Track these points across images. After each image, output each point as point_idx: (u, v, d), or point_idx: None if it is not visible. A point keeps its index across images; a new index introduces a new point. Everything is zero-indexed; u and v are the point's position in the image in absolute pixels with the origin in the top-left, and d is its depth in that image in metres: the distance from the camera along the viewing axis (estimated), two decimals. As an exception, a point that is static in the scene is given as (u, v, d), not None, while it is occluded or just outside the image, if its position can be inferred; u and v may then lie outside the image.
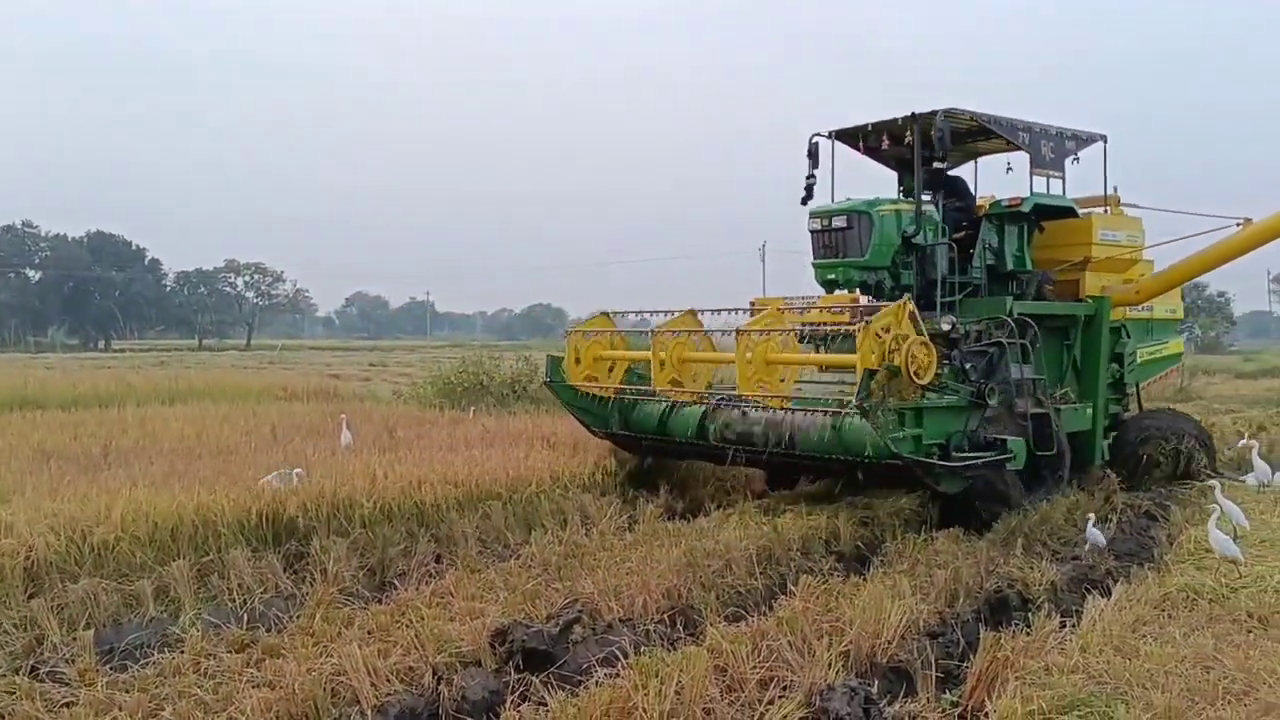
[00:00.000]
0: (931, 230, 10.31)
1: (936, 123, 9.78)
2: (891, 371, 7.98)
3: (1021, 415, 9.37)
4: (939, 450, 8.60)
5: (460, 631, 5.48)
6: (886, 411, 8.09)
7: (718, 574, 6.80)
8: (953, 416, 8.87)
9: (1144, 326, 11.92)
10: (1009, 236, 10.82)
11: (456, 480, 9.05)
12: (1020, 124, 10.56)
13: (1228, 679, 4.54)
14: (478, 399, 19.12)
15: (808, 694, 4.57)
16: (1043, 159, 10.69)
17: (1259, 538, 7.69)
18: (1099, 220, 11.30)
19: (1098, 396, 11.13)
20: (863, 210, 10.24)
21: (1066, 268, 11.22)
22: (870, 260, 10.15)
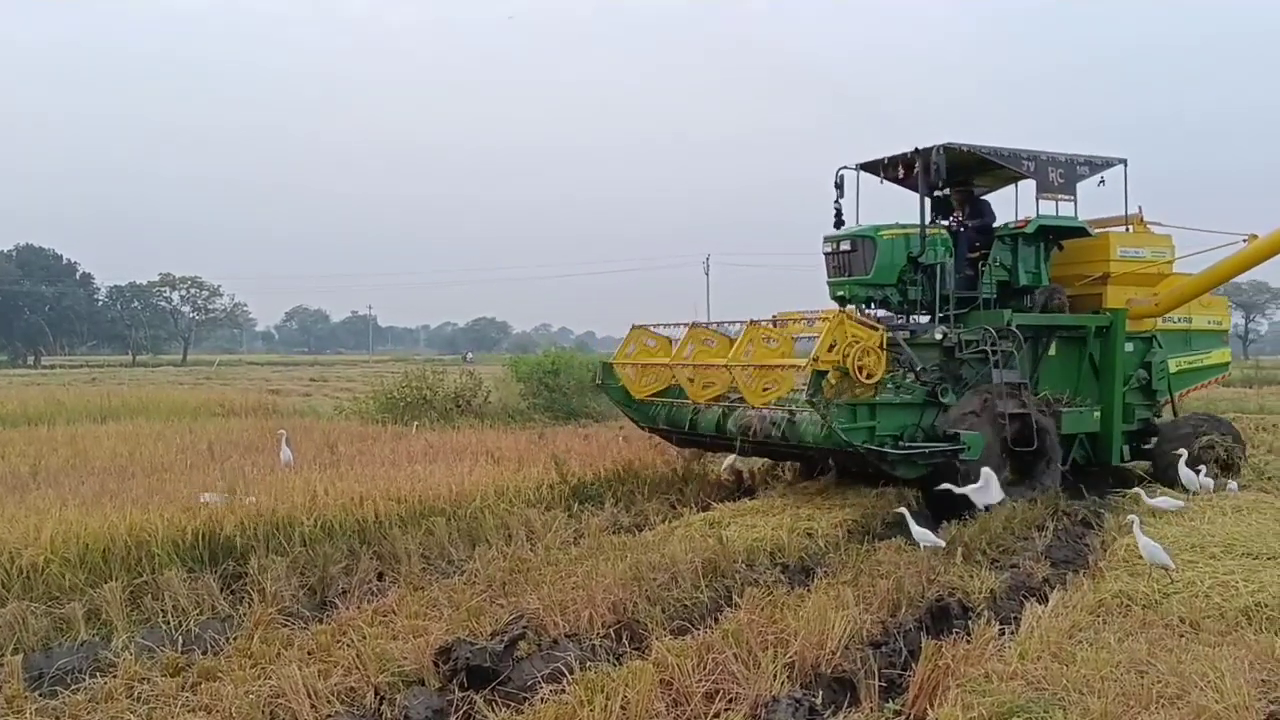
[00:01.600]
0: (941, 250, 11.41)
1: (933, 156, 10.94)
2: (841, 372, 9.32)
3: (1000, 414, 10.29)
4: (891, 441, 9.82)
5: (403, 650, 5.40)
6: (836, 407, 9.41)
7: (664, 587, 6.79)
8: (907, 412, 10.15)
9: (1181, 337, 12.77)
10: (1023, 254, 11.82)
11: (399, 496, 8.95)
12: (1025, 153, 11.48)
13: (1161, 683, 4.65)
14: (421, 414, 18.96)
15: (753, 706, 4.59)
16: (1050, 184, 11.58)
17: (1189, 543, 7.90)
18: (1116, 238, 12.15)
19: (1112, 401, 11.93)
20: (867, 235, 11.46)
21: (1088, 282, 12.16)
22: (874, 279, 11.37)
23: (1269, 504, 9.74)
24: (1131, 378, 12.32)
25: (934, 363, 10.70)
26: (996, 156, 11.41)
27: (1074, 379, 12.11)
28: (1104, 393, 12.08)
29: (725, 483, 12.07)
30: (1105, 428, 11.96)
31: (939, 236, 11.54)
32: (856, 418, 9.72)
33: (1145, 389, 12.44)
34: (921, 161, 11.25)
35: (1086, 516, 10.00)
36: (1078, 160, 11.79)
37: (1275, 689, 4.72)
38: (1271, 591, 6.32)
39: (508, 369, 24.89)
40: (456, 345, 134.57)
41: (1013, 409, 10.40)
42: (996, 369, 10.64)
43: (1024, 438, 10.52)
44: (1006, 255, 11.84)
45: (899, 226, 11.53)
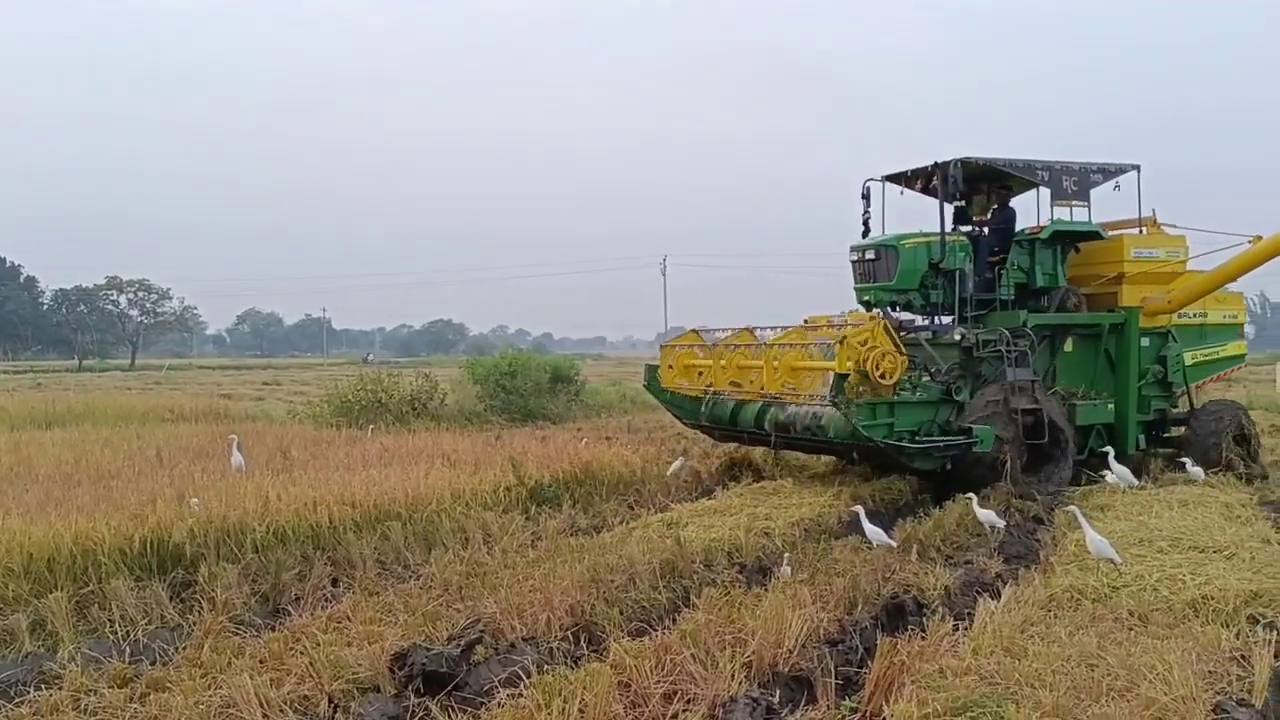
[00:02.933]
0: (962, 256, 12.24)
1: (951, 169, 11.81)
2: (861, 374, 10.34)
3: (1014, 410, 11.16)
4: (909, 436, 10.75)
5: (358, 656, 5.33)
6: (858, 405, 10.37)
7: (621, 589, 6.77)
8: (924, 409, 11.02)
9: (1196, 332, 13.53)
10: (1040, 258, 12.62)
11: (354, 501, 8.83)
12: (1039, 164, 12.31)
13: (1111, 676, 4.73)
14: (376, 417, 18.78)
15: (711, 706, 4.59)
16: (1064, 192, 12.39)
17: (1137, 538, 8.05)
18: (1130, 240, 12.92)
19: (1126, 394, 12.75)
20: (890, 244, 12.29)
21: (1104, 282, 12.93)
22: (897, 284, 12.23)
23: (1214, 498, 9.96)
24: (1148, 371, 13.01)
25: (954, 362, 11.62)
26: (1011, 168, 12.27)
27: (1091, 374, 12.87)
28: (1119, 386, 12.84)
29: (685, 483, 12.09)
30: (1120, 419, 12.71)
31: (959, 243, 12.34)
32: (876, 415, 10.63)
33: (1162, 381, 13.12)
34: (940, 174, 12.09)
35: (1038, 513, 10.14)
36: (1091, 168, 12.49)
37: (1221, 680, 4.82)
38: (1217, 584, 6.45)
39: (464, 371, 24.73)
40: (413, 348, 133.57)
41: (1025, 405, 11.24)
42: (1011, 367, 11.42)
43: (1037, 431, 11.30)
44: (1024, 259, 12.61)
45: (921, 235, 12.33)
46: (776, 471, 12.97)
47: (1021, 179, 12.62)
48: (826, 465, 13.51)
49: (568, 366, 25.82)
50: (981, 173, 12.51)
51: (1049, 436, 11.44)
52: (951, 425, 11.01)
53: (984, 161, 12.13)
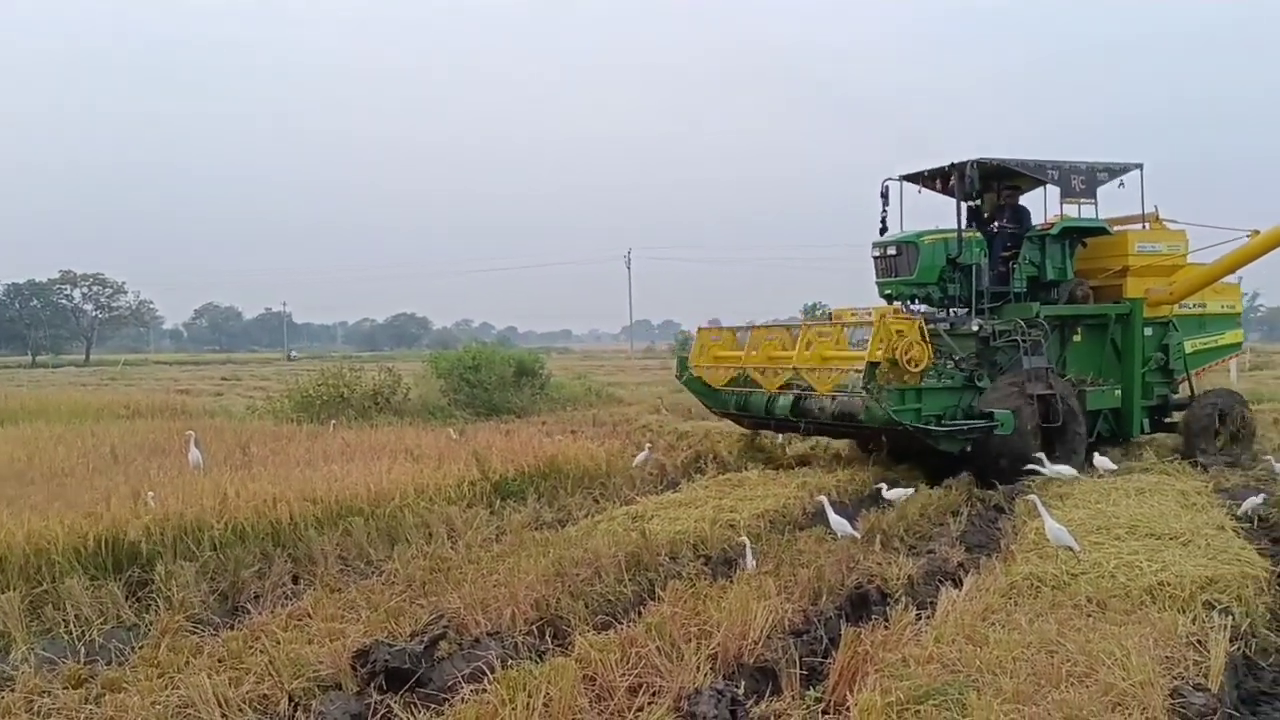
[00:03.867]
0: (977, 251, 12.86)
1: (968, 170, 12.42)
2: (891, 362, 11.07)
3: (1030, 396, 11.85)
4: (935, 420, 11.54)
5: (319, 654, 5.27)
6: (888, 392, 11.10)
7: (587, 582, 6.75)
8: (950, 395, 11.87)
9: (1196, 321, 14.18)
10: (1050, 253, 13.26)
11: (315, 497, 8.74)
12: (1049, 164, 12.95)
13: (1070, 662, 4.78)
14: (338, 412, 18.59)
15: (676, 699, 4.58)
16: (1073, 190, 13.03)
17: (1095, 525, 8.15)
18: (1134, 235, 13.59)
19: (1132, 381, 13.49)
20: (911, 241, 12.95)
21: (1109, 275, 13.65)
22: (917, 279, 12.87)
23: (1170, 486, 10.12)
24: (1150, 359, 13.73)
25: (971, 351, 12.33)
26: (1023, 168, 12.92)
27: (1098, 362, 13.61)
28: (1124, 373, 13.60)
29: (650, 475, 12.10)
30: (1126, 404, 13.50)
31: (975, 239, 12.97)
32: (905, 401, 11.43)
33: (1163, 369, 13.87)
34: (957, 174, 12.70)
35: (999, 502, 10.26)
36: (1098, 167, 13.14)
37: (1178, 665, 4.88)
38: (1174, 571, 6.55)
39: (428, 365, 24.55)
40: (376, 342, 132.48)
41: (1040, 391, 11.96)
42: (1026, 355, 12.17)
43: (1051, 416, 12.01)
44: (1035, 253, 13.24)
45: (939, 231, 13.01)
46: (742, 463, 13.02)
47: (1031, 178, 13.25)
48: (792, 457, 13.58)
49: (532, 360, 25.70)
50: (993, 172, 13.06)
51: (1063, 421, 12.08)
52: (974, 410, 11.73)
53: (998, 162, 12.73)
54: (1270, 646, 5.88)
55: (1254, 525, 8.92)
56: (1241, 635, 5.72)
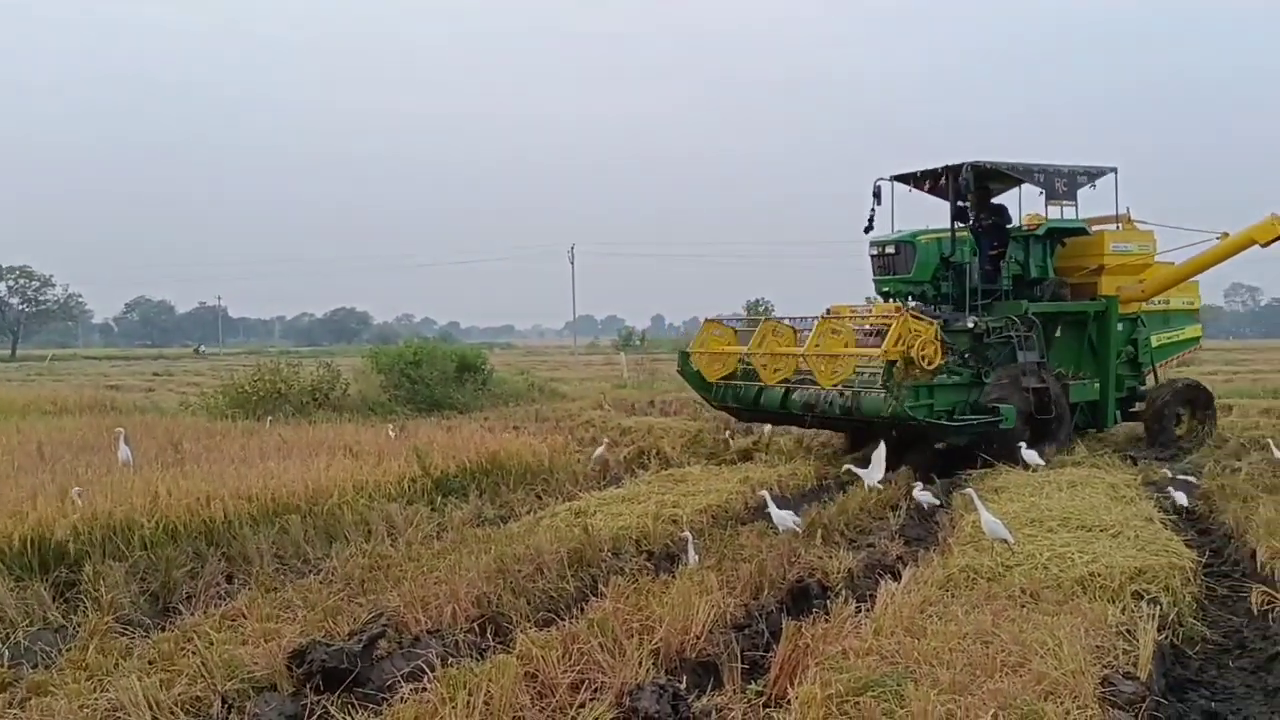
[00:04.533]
0: (968, 250, 13.42)
1: (963, 172, 12.89)
2: (906, 360, 11.52)
3: (1025, 389, 12.44)
4: (945, 414, 12.06)
5: (253, 655, 5.16)
6: (903, 387, 11.50)
7: (529, 579, 6.72)
8: (958, 391, 12.43)
9: (1160, 317, 14.98)
10: (1033, 252, 14.05)
11: (250, 494, 8.58)
12: (1036, 167, 13.56)
13: (1005, 652, 4.86)
14: (275, 408, 18.26)
15: (618, 694, 4.57)
16: (1056, 192, 13.71)
17: (1029, 518, 8.32)
18: (1109, 235, 14.22)
19: (1108, 374, 14.15)
20: (908, 240, 13.52)
21: (1085, 273, 14.33)
22: (914, 277, 13.46)
23: (1100, 479, 10.38)
24: (1121, 353, 14.46)
25: (965, 347, 12.81)
26: (1013, 171, 13.58)
27: (1076, 357, 14.29)
28: (1100, 367, 14.27)
29: (593, 472, 12.08)
30: (1103, 396, 14.19)
31: (966, 239, 13.52)
32: (919, 397, 11.85)
33: (1132, 361, 14.69)
34: (952, 176, 13.21)
35: (937, 495, 10.41)
36: (1078, 171, 13.84)
37: (1108, 654, 5.00)
38: (1104, 562, 6.71)
39: (368, 360, 24.23)
40: (315, 337, 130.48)
41: (1034, 384, 12.57)
42: (1020, 351, 12.73)
43: (1043, 407, 12.57)
44: (1020, 253, 14.01)
45: (933, 232, 13.63)
46: (684, 459, 13.07)
47: (1011, 179, 13.91)
48: (734, 453, 13.65)
49: (475, 356, 25.51)
50: (983, 175, 13.51)
51: (1055, 413, 12.71)
52: (980, 405, 12.30)
53: (990, 165, 13.29)
54: (1197, 635, 6.05)
55: (1181, 517, 9.18)
56: (1169, 624, 5.88)
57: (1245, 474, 10.70)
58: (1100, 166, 14.06)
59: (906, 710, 4.13)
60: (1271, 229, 13.72)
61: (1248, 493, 9.32)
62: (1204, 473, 11.32)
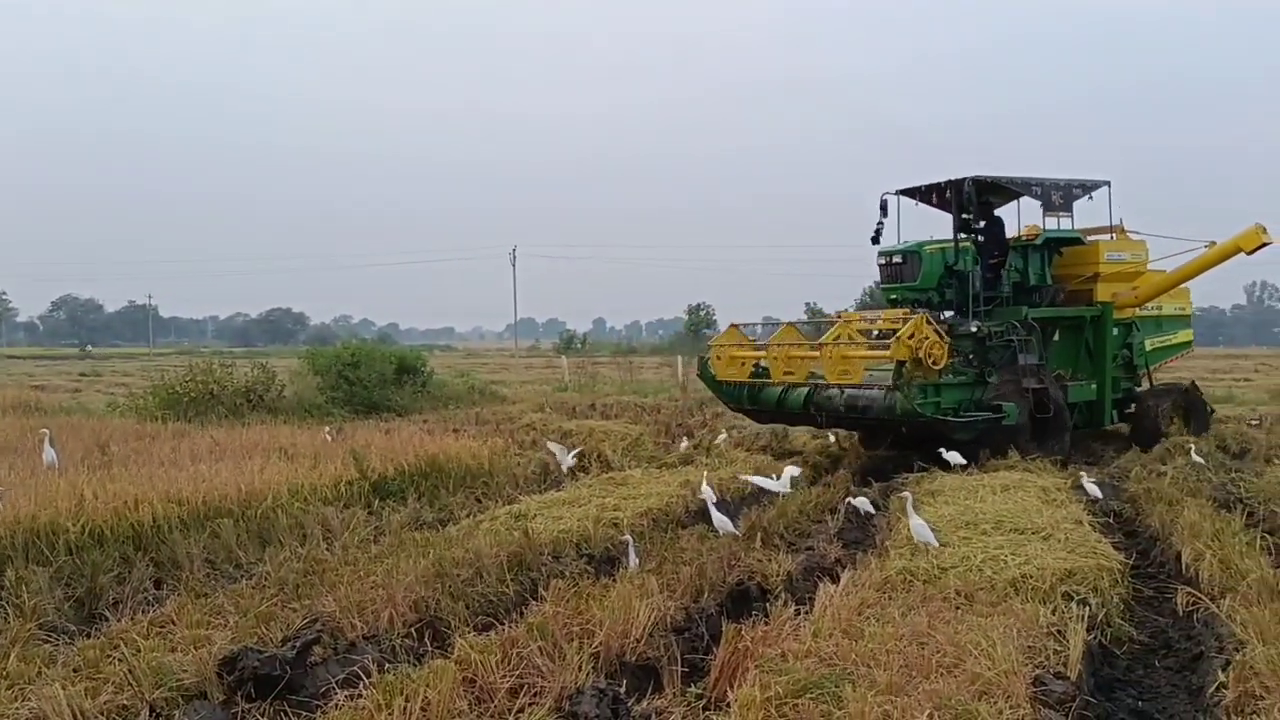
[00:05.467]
0: (969, 260, 14.18)
1: (965, 186, 13.84)
2: (915, 361, 12.25)
3: (1025, 390, 13.23)
4: (951, 411, 12.87)
5: (182, 662, 5.03)
6: (912, 387, 12.29)
7: (468, 583, 6.65)
8: (963, 390, 13.28)
9: (1154, 322, 15.78)
10: (1032, 260, 14.86)
11: (180, 498, 8.37)
12: (1033, 180, 14.42)
13: (940, 653, 4.94)
14: (207, 410, 17.86)
15: (557, 699, 4.54)
16: (1052, 204, 14.55)
17: (964, 521, 8.46)
18: (1104, 245, 15.17)
19: (1104, 376, 14.98)
20: (914, 250, 14.35)
21: (1082, 281, 15.07)
22: (920, 285, 14.23)
23: (1032, 483, 10.59)
24: (1117, 356, 15.24)
25: (969, 350, 13.63)
26: (1012, 185, 14.43)
27: (1073, 359, 15.23)
28: (1097, 369, 15.09)
29: (532, 475, 12.02)
30: (1099, 397, 15.03)
31: (968, 249, 14.31)
32: (926, 395, 12.68)
33: (1127, 364, 15.50)
34: (955, 190, 14.10)
35: (875, 499, 10.54)
36: (1074, 184, 14.71)
37: (1040, 654, 5.10)
38: (1036, 564, 6.85)
39: (304, 362, 23.82)
40: (249, 337, 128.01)
41: (1034, 385, 13.32)
42: (1020, 353, 13.48)
43: (1042, 407, 13.33)
44: (1020, 261, 14.80)
45: (938, 242, 14.44)
46: (625, 462, 13.06)
47: (1011, 192, 14.73)
48: (675, 456, 13.67)
49: (414, 358, 25.24)
50: (984, 188, 14.34)
51: (1054, 411, 13.45)
52: (984, 403, 13.11)
53: (990, 179, 14.13)
54: (1124, 636, 6.20)
55: (1111, 519, 9.41)
56: (1098, 625, 6.01)
57: (1170, 478, 11.00)
58: (1095, 180, 14.89)
59: (844, 712, 4.16)
60: (1255, 238, 14.42)
61: (1173, 496, 9.58)
62: (1130, 477, 11.63)
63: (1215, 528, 7.87)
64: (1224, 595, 6.19)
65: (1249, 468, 12.37)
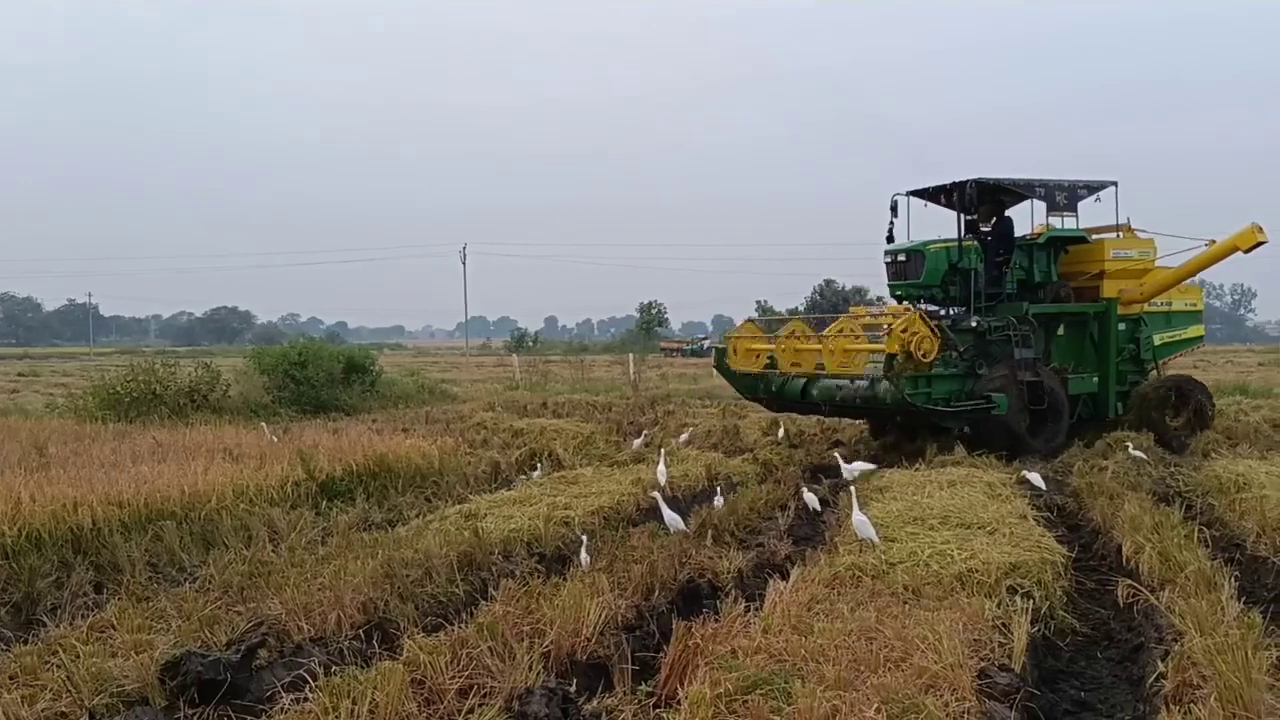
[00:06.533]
0: (975, 258, 14.73)
1: (968, 188, 14.53)
2: (906, 353, 12.88)
3: (1020, 382, 13.86)
4: (943, 402, 13.45)
5: (124, 668, 4.92)
6: (905, 378, 12.97)
7: (417, 583, 6.59)
8: (954, 381, 13.74)
9: (1163, 317, 16.18)
10: (1037, 258, 15.27)
11: (121, 500, 8.20)
12: (1037, 182, 14.96)
13: (888, 647, 4.99)
14: (149, 410, 17.51)
15: (507, 699, 4.52)
16: (1057, 205, 15.06)
17: (911, 516, 8.56)
18: (1110, 243, 15.62)
19: (1108, 369, 15.47)
20: (918, 249, 14.85)
21: (1088, 278, 15.58)
22: (924, 282, 14.73)
23: (979, 478, 10.75)
24: (1124, 350, 15.69)
25: (970, 343, 14.09)
26: (1014, 186, 14.96)
27: (1078, 353, 15.72)
28: (1101, 363, 15.58)
29: (482, 474, 11.95)
30: (1102, 390, 15.51)
31: (972, 247, 14.86)
32: (918, 385, 13.25)
33: (1135, 359, 15.88)
34: (959, 191, 14.73)
35: (824, 495, 10.63)
36: (1078, 184, 15.19)
37: (985, 648, 5.18)
38: (981, 558, 6.94)
39: (250, 361, 23.45)
40: (194, 336, 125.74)
41: (1028, 377, 13.93)
42: (1017, 348, 14.02)
43: (1037, 398, 13.97)
44: (1024, 259, 15.21)
45: (942, 241, 14.91)
46: (576, 461, 13.03)
47: (1020, 194, 15.18)
48: (626, 455, 13.68)
49: (363, 356, 24.97)
50: (989, 189, 14.95)
51: (1047, 403, 14.06)
52: (975, 393, 13.60)
53: (993, 181, 14.70)
54: (1067, 628, 6.32)
55: (1054, 513, 9.58)
56: (1042, 618, 6.11)
57: (1111, 473, 11.23)
58: (1101, 180, 15.40)
59: (793, 707, 4.18)
60: (1252, 236, 14.95)
61: (1114, 490, 9.78)
62: (1073, 471, 11.85)
63: (1155, 521, 8.04)
64: (1163, 587, 6.33)
65: (1188, 462, 12.67)
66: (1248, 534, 8.18)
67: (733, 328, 16.99)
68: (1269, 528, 7.94)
